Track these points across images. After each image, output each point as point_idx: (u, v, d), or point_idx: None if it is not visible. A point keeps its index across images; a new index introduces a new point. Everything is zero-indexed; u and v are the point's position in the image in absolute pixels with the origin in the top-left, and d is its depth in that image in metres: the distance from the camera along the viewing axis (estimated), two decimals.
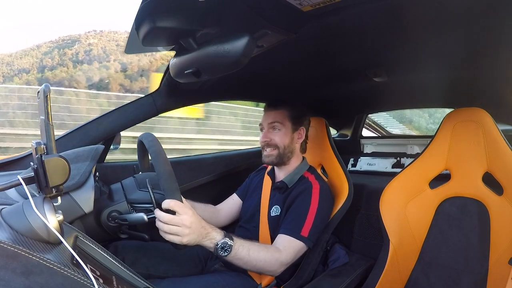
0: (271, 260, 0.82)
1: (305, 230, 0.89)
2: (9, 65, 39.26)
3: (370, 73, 1.03)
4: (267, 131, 1.01)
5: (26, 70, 37.08)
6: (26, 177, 0.47)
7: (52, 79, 28.47)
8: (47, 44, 42.48)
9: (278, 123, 1.00)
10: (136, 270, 0.61)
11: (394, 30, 0.70)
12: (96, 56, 32.35)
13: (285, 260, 0.85)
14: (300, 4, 0.54)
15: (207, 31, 0.62)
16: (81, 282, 0.39)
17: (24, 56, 40.18)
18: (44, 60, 38.21)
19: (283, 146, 1.00)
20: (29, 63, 38.71)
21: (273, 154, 1.00)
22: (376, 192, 1.03)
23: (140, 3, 0.55)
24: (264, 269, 0.83)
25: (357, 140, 1.73)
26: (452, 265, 0.90)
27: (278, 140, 0.99)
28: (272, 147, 1.00)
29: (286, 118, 1.01)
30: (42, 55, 39.82)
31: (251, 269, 0.85)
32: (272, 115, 1.01)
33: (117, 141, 1.16)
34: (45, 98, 0.47)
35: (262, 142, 1.01)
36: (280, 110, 1.01)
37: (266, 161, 1.03)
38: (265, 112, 1.04)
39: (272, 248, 0.86)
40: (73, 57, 37.87)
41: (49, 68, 36.15)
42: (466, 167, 0.91)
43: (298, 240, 0.88)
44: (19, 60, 39.39)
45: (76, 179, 0.69)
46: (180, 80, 0.80)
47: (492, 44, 0.75)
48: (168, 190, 0.67)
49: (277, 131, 1.00)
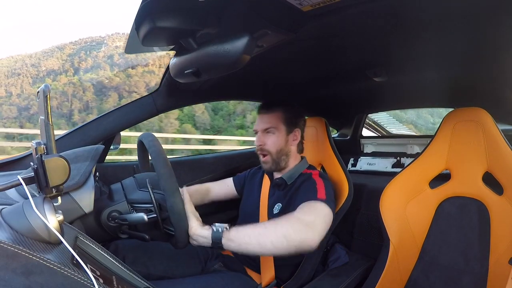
0: (293, 223, 0.70)
1: (321, 194, 0.84)
2: (35, 66, 39.36)
3: (370, 73, 1.03)
4: (261, 135, 1.01)
5: (56, 71, 37.13)
6: (26, 177, 0.47)
7: (108, 84, 28.35)
8: (68, 45, 42.50)
9: (272, 128, 0.99)
10: (136, 270, 0.61)
11: (394, 30, 0.70)
12: (134, 59, 31.65)
13: (311, 221, 0.72)
14: (300, 4, 0.54)
15: (207, 31, 0.62)
16: (81, 282, 0.39)
17: (48, 57, 40.27)
18: (75, 62, 38.18)
19: (275, 151, 0.99)
20: (56, 64, 38.76)
21: (268, 161, 1.00)
22: (376, 192, 1.03)
23: (140, 3, 0.55)
24: (291, 238, 0.67)
25: (357, 140, 1.73)
26: (452, 265, 0.90)
27: (271, 144, 0.98)
28: (265, 153, 1.00)
29: (280, 121, 0.99)
30: (67, 56, 39.86)
31: (276, 245, 0.67)
32: (266, 119, 1.00)
33: (117, 141, 1.16)
34: (44, 98, 0.47)
35: (257, 146, 1.01)
36: (274, 113, 1.00)
37: (264, 168, 1.03)
38: (258, 115, 1.03)
39: (286, 215, 0.76)
40: (108, 60, 37.81)
41: (85, 71, 36.21)
42: (466, 167, 0.91)
43: (316, 201, 0.81)
44: (44, 61, 39.44)
45: (76, 179, 0.69)
46: (180, 80, 0.80)
47: (492, 44, 0.75)
48: (168, 190, 0.67)
49: (271, 135, 0.99)
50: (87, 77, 32.81)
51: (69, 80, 32.30)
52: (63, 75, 34.73)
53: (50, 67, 37.87)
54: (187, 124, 17.60)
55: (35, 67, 39.06)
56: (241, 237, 0.68)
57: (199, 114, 18.65)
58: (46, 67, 37.89)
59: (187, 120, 18.36)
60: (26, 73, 37.56)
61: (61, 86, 30.41)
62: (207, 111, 18.95)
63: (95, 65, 37.31)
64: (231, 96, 1.39)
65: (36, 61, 40.33)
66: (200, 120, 18.70)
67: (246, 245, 0.68)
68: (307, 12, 0.57)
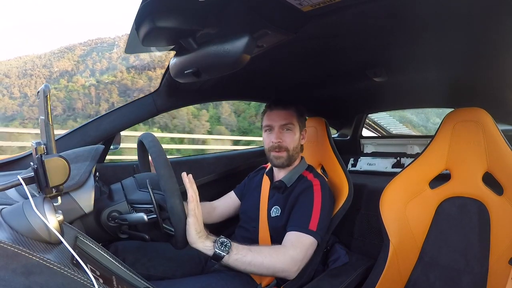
0: (278, 255, 0.79)
1: (313, 224, 0.87)
2: (47, 67, 39.28)
3: (370, 73, 1.03)
4: (279, 132, 0.99)
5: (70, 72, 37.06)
6: (26, 177, 0.47)
7: (132, 86, 28.24)
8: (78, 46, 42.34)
9: (291, 124, 0.98)
10: (136, 271, 0.61)
11: (394, 30, 0.70)
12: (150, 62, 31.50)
13: (295, 255, 0.81)
14: (300, 4, 0.54)
15: (207, 31, 0.62)
16: (81, 282, 0.39)
17: (59, 58, 40.20)
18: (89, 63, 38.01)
19: (292, 147, 0.99)
20: (69, 65, 38.68)
21: (283, 156, 0.99)
22: (376, 192, 1.03)
23: (140, 3, 0.55)
24: (275, 267, 0.77)
25: (357, 140, 1.73)
26: (452, 265, 0.90)
27: (289, 142, 0.98)
28: (283, 150, 0.98)
29: (295, 119, 1.00)
30: (79, 57, 39.77)
31: (261, 270, 0.78)
32: (283, 116, 0.99)
33: (117, 141, 1.16)
34: (45, 98, 0.47)
35: (274, 143, 0.98)
36: (290, 111, 1.00)
37: (275, 163, 1.01)
38: (271, 112, 1.01)
39: (277, 245, 0.85)
40: (123, 61, 37.68)
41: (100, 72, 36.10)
42: (466, 167, 0.91)
43: (306, 234, 0.85)
44: (56, 62, 39.39)
45: (76, 179, 0.69)
46: (180, 80, 0.80)
47: (492, 44, 0.75)
48: (168, 191, 0.67)
49: (289, 132, 0.99)
50: (105, 78, 32.70)
51: (86, 81, 32.23)
52: (78, 76, 34.68)
53: (62, 68, 37.79)
54: (220, 126, 17.80)
55: (47, 67, 39.00)
56: (235, 263, 0.75)
57: (225, 116, 18.82)
58: (58, 68, 37.81)
59: (215, 122, 18.64)
60: (39, 74, 37.51)
61: (79, 87, 30.35)
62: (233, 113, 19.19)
63: (111, 67, 37.14)
64: (231, 96, 1.39)
65: (47, 62, 40.24)
66: (227, 122, 18.84)
67: (238, 267, 0.76)
68: (307, 12, 0.57)
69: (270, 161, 1.03)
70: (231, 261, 0.74)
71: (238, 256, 0.75)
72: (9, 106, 31.12)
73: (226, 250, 0.73)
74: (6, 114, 29.87)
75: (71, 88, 29.83)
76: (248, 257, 0.76)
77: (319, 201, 0.92)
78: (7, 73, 38.54)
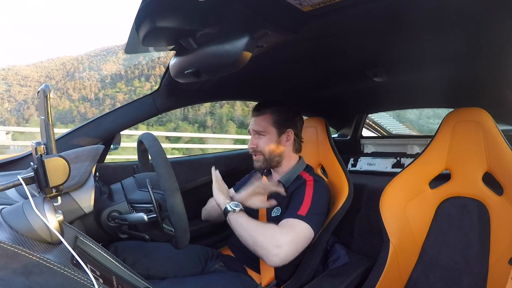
0: (267, 235, 0.81)
1: (303, 210, 0.88)
2: (94, 70, 38.78)
3: (370, 73, 1.03)
4: (253, 137, 1.02)
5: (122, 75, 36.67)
6: (26, 177, 0.47)
7: None
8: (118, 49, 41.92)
9: (261, 130, 1.00)
10: (136, 271, 0.61)
11: (394, 30, 0.70)
12: None
13: (281, 240, 0.80)
14: (300, 4, 0.54)
15: (207, 31, 0.62)
16: (81, 282, 0.39)
17: (105, 61, 39.84)
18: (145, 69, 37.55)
19: (268, 151, 1.00)
20: (116, 68, 38.23)
21: (259, 159, 1.01)
22: (376, 192, 1.03)
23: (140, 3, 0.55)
24: (258, 244, 0.80)
25: (357, 140, 1.73)
26: (452, 265, 0.90)
27: (263, 146, 1.00)
28: (258, 153, 1.01)
29: (269, 124, 1.00)
30: (123, 61, 39.32)
31: (247, 240, 0.83)
32: (257, 121, 1.01)
33: (117, 141, 1.16)
34: (45, 98, 0.47)
35: (249, 148, 1.02)
36: (264, 115, 1.00)
37: (255, 167, 1.04)
38: (251, 117, 1.04)
39: (272, 225, 0.86)
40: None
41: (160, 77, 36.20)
42: (466, 167, 0.91)
43: (295, 218, 0.86)
44: (104, 64, 39.07)
45: (76, 179, 0.69)
46: (180, 80, 0.80)
47: (492, 44, 0.75)
48: (168, 190, 0.67)
49: (262, 137, 1.00)
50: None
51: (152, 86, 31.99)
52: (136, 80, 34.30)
53: (110, 71, 37.37)
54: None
55: (95, 70, 38.65)
56: (234, 221, 0.86)
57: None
58: (107, 71, 37.51)
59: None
60: (88, 76, 37.10)
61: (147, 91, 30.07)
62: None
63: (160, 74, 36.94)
64: (231, 96, 1.39)
65: (90, 64, 39.92)
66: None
67: (234, 226, 0.86)
68: (307, 12, 0.57)
69: (254, 164, 1.05)
70: (232, 218, 0.86)
71: (239, 218, 0.85)
72: (87, 110, 30.65)
73: (233, 209, 0.86)
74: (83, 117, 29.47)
75: (139, 92, 29.55)
76: (244, 224, 0.84)
77: (310, 193, 0.92)
78: (48, 74, 38.19)
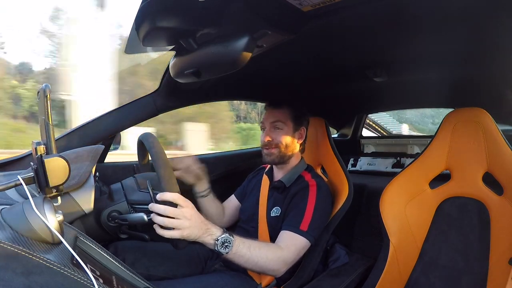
0: (273, 257, 0.81)
1: (304, 224, 0.88)
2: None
3: (370, 73, 1.03)
4: (269, 130, 1.00)
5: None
6: (26, 177, 0.47)
7: None
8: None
9: (280, 122, 0.99)
10: (136, 271, 0.60)
11: (394, 30, 0.70)
12: None
13: (287, 258, 0.84)
14: (300, 4, 0.54)
15: (207, 31, 0.62)
16: (81, 282, 0.39)
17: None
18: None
19: (284, 145, 0.99)
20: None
21: (274, 153, 1.00)
22: (376, 192, 1.03)
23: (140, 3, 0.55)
24: (266, 267, 0.81)
25: (357, 140, 1.73)
26: (452, 265, 0.90)
27: (280, 140, 0.99)
28: (273, 146, 0.99)
29: (288, 118, 1.00)
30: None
31: (253, 268, 0.82)
32: (275, 114, 1.00)
33: (117, 141, 1.16)
34: (45, 98, 0.47)
35: (264, 141, 1.00)
36: (282, 109, 1.00)
37: (267, 160, 1.02)
38: (266, 111, 1.03)
39: (274, 245, 0.86)
40: None
41: None
42: (466, 167, 0.91)
43: (297, 234, 0.87)
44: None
45: (76, 179, 0.69)
46: (180, 80, 0.80)
47: (492, 44, 0.75)
48: (168, 191, 0.67)
49: (279, 131, 0.99)
50: None
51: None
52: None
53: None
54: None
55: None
56: (232, 258, 0.76)
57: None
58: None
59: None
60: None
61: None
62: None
63: None
64: (231, 96, 1.39)
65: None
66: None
67: (233, 261, 0.77)
68: (307, 12, 0.57)
69: (263, 158, 1.03)
70: (230, 258, 0.76)
71: (237, 253, 0.76)
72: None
73: (226, 251, 0.73)
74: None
75: None
76: (245, 257, 0.77)
77: (313, 201, 0.92)
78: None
